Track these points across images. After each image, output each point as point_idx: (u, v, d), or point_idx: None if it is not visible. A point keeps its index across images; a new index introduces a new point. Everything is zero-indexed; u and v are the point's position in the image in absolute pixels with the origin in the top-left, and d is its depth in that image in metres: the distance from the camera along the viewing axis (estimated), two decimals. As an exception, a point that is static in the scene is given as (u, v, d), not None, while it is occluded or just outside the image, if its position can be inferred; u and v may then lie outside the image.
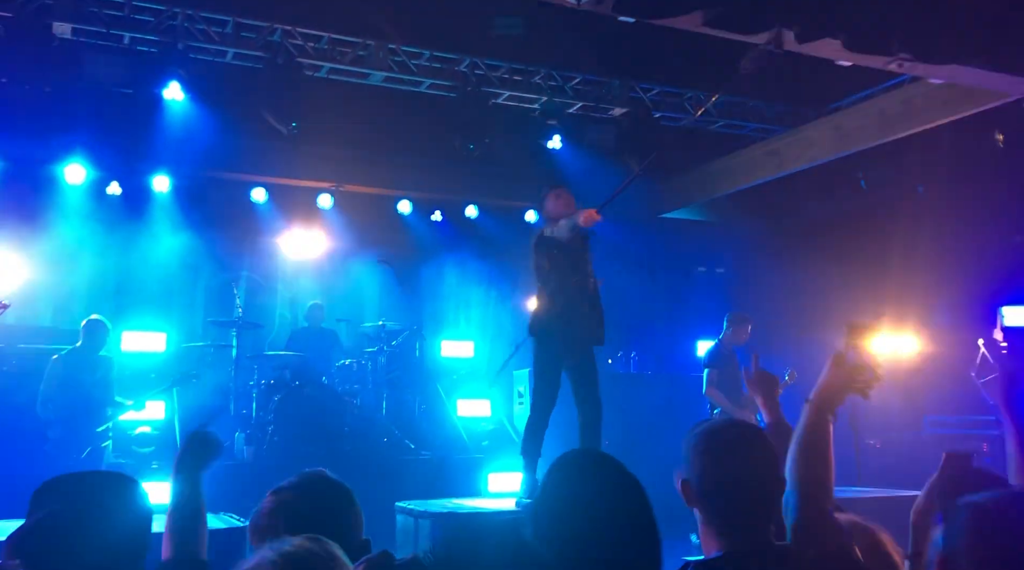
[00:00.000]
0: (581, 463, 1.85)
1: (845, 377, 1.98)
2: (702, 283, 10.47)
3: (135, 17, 7.10)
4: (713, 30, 5.39)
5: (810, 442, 1.94)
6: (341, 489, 2.07)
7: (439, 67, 8.11)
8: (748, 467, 1.91)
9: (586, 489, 1.77)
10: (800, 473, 1.92)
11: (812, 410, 1.97)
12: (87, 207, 8.55)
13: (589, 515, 1.72)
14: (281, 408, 7.57)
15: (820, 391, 1.99)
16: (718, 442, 1.96)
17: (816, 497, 1.90)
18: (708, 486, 1.93)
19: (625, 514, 1.75)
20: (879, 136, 7.96)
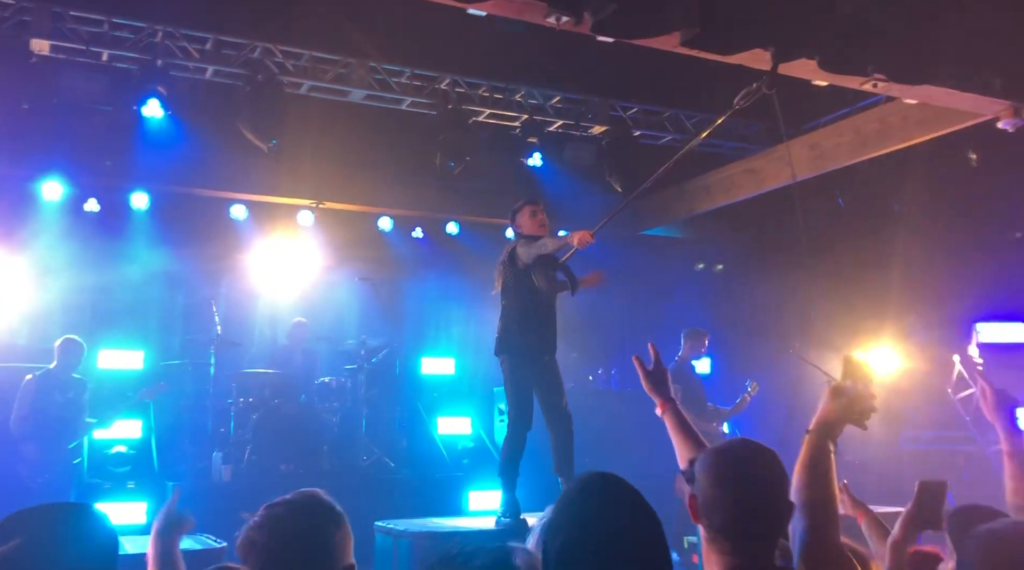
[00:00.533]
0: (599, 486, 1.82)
1: (843, 408, 2.06)
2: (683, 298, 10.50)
3: (114, 34, 7.09)
4: (690, 51, 5.44)
5: (814, 472, 1.98)
6: (334, 511, 2.06)
7: (420, 85, 8.15)
8: (757, 486, 1.92)
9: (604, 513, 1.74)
10: (807, 501, 1.94)
11: (813, 440, 2.03)
12: (64, 224, 8.48)
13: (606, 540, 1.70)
14: (260, 426, 7.52)
15: (819, 422, 2.06)
16: (729, 460, 1.98)
17: (823, 525, 1.93)
18: (711, 504, 1.93)
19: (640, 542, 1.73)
20: (855, 155, 8.06)
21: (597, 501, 1.76)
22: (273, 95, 7.37)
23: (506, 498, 5.30)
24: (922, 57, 5.72)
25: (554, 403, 5.37)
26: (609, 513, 1.74)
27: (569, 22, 4.94)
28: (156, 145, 7.69)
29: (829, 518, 1.94)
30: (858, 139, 7.98)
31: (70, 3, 6.92)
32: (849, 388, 2.06)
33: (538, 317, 5.36)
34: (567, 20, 4.91)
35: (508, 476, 5.32)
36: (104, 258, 8.61)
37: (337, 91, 7.96)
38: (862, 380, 2.07)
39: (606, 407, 8.37)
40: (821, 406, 2.07)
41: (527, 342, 5.35)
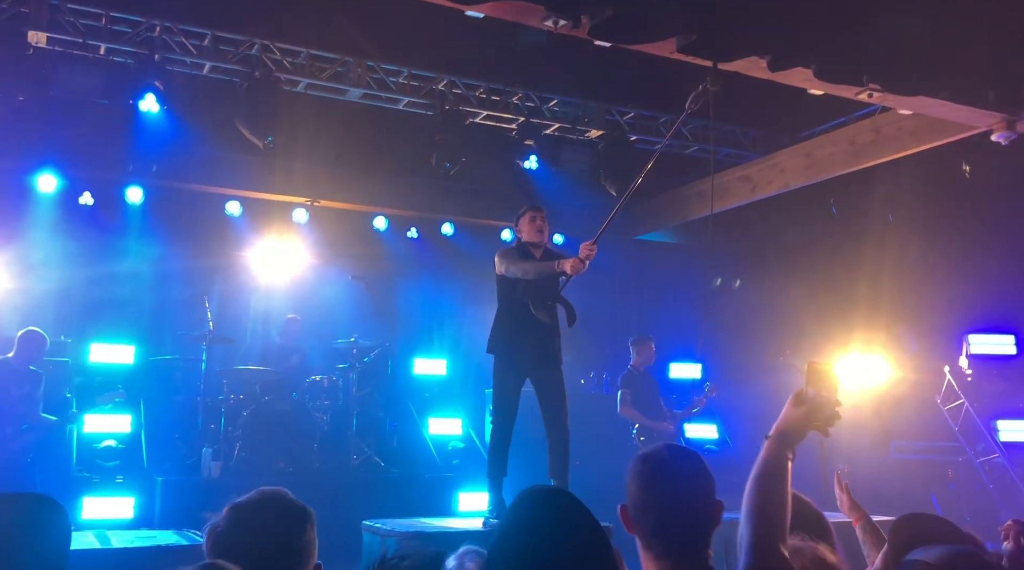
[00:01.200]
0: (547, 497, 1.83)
1: (804, 415, 2.02)
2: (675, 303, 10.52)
3: (112, 28, 7.09)
4: (686, 57, 5.47)
5: (766, 478, 1.95)
6: (299, 510, 2.04)
7: (417, 85, 8.16)
8: (683, 487, 1.93)
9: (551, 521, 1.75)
10: (754, 509, 1.92)
11: (771, 446, 2.00)
12: (59, 217, 8.47)
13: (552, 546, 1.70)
14: (250, 423, 7.51)
15: (779, 428, 2.02)
16: (650, 465, 1.98)
17: (769, 535, 1.90)
18: (641, 509, 1.94)
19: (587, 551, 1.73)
20: (849, 164, 8.10)
21: (544, 510, 1.77)
22: (270, 92, 7.37)
23: (492, 498, 5.32)
24: (917, 69, 5.76)
25: (552, 416, 5.35)
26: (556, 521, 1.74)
27: (566, 26, 4.97)
28: (152, 139, 7.68)
29: (777, 525, 1.91)
30: (852, 149, 8.02)
31: (68, -4, 6.92)
32: (812, 395, 2.02)
33: (523, 326, 5.31)
34: (564, 24, 4.94)
35: (494, 476, 5.33)
36: (97, 251, 8.60)
37: (334, 89, 7.96)
38: (826, 388, 2.03)
39: (597, 411, 8.37)
40: (783, 412, 2.04)
41: (509, 348, 5.35)
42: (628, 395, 7.72)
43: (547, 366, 5.40)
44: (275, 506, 2.01)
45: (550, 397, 5.38)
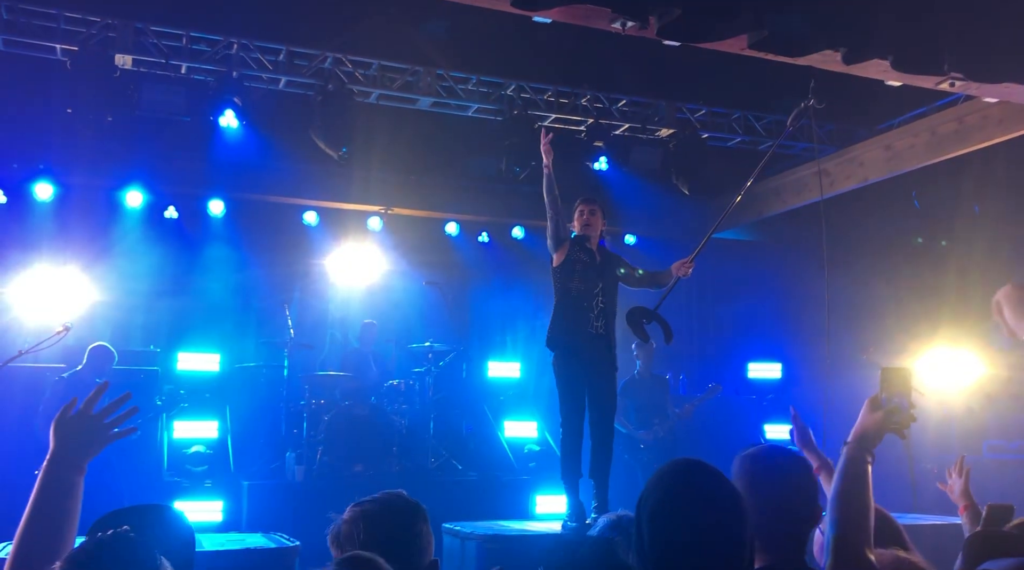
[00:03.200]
0: (689, 464, 1.86)
1: (880, 419, 2.11)
2: (755, 303, 10.34)
3: (192, 47, 7.34)
4: (759, 53, 5.38)
5: (848, 483, 2.03)
6: (418, 508, 2.18)
7: (486, 91, 8.22)
8: (786, 492, 2.03)
9: (690, 483, 1.80)
10: (839, 511, 2.00)
11: (849, 452, 2.09)
12: (145, 231, 8.81)
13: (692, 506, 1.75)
14: (331, 428, 7.67)
15: (857, 433, 2.12)
16: (757, 467, 2.08)
17: (853, 536, 1.97)
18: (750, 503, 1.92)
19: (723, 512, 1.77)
20: (931, 156, 7.83)
21: (686, 474, 1.82)
22: (343, 104, 7.52)
23: (570, 502, 5.30)
24: (1001, 54, 5.53)
25: (598, 418, 5.35)
26: (695, 483, 1.80)
27: (635, 27, 4.94)
28: (232, 154, 7.92)
29: (860, 529, 1.98)
30: (934, 140, 7.76)
31: (151, 19, 7.20)
32: (886, 400, 2.12)
33: (576, 318, 5.34)
34: (632, 25, 4.91)
35: (568, 479, 5.31)
36: (182, 263, 8.92)
37: (405, 99, 8.08)
38: (900, 392, 2.13)
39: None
40: (860, 417, 2.14)
41: (564, 340, 5.36)
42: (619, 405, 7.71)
43: (604, 370, 5.40)
44: (392, 503, 2.15)
45: (601, 400, 5.37)
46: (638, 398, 7.89)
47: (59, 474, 1.98)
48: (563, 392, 5.38)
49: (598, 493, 5.29)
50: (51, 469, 1.99)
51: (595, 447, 5.34)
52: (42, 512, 1.92)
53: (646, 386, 8.00)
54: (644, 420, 7.78)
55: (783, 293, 10.22)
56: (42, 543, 1.87)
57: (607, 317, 5.41)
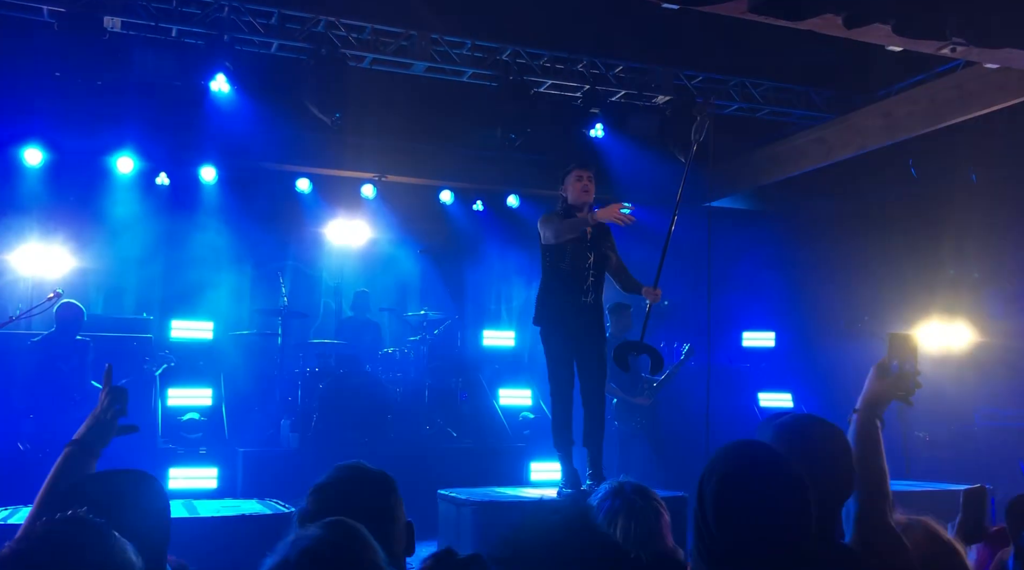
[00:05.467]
0: (752, 444, 1.87)
1: (888, 385, 2.11)
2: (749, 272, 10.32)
3: (182, 10, 7.21)
4: (759, 17, 5.30)
5: (862, 450, 2.04)
6: (380, 476, 2.10)
7: (481, 56, 8.11)
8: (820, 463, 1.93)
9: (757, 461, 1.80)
10: (858, 479, 2.00)
11: (860, 419, 2.09)
12: (137, 197, 8.73)
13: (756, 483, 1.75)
14: (326, 396, 7.67)
15: (865, 400, 2.12)
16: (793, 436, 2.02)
17: (874, 502, 1.98)
18: None
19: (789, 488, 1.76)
20: (930, 123, 7.76)
21: (751, 454, 1.83)
22: (336, 69, 7.41)
23: (564, 469, 5.34)
24: (1002, 19, 5.46)
25: (591, 388, 5.35)
26: (762, 462, 1.79)
27: (633, -11, 4.85)
28: (223, 119, 7.82)
29: (879, 495, 2.00)
30: (933, 107, 7.69)
31: (140, -20, 7.06)
32: (895, 366, 2.11)
33: (566, 293, 5.30)
34: (632, -13, 4.82)
35: (562, 447, 5.35)
36: (174, 231, 8.85)
37: (399, 64, 7.97)
38: (908, 357, 2.12)
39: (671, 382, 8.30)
40: (867, 384, 2.13)
41: (555, 319, 5.33)
42: None
43: (592, 341, 5.36)
44: (353, 478, 2.08)
45: (592, 369, 5.36)
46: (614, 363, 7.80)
47: (80, 458, 2.23)
48: (552, 362, 5.39)
49: (593, 461, 5.31)
50: (72, 452, 2.24)
51: (588, 415, 5.33)
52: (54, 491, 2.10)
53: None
54: (628, 386, 7.68)
55: (779, 262, 10.21)
56: None
57: (596, 288, 5.39)
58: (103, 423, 2.32)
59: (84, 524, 1.47)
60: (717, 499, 1.74)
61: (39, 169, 8.25)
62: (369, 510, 1.92)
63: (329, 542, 1.45)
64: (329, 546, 1.44)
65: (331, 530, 1.49)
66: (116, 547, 1.46)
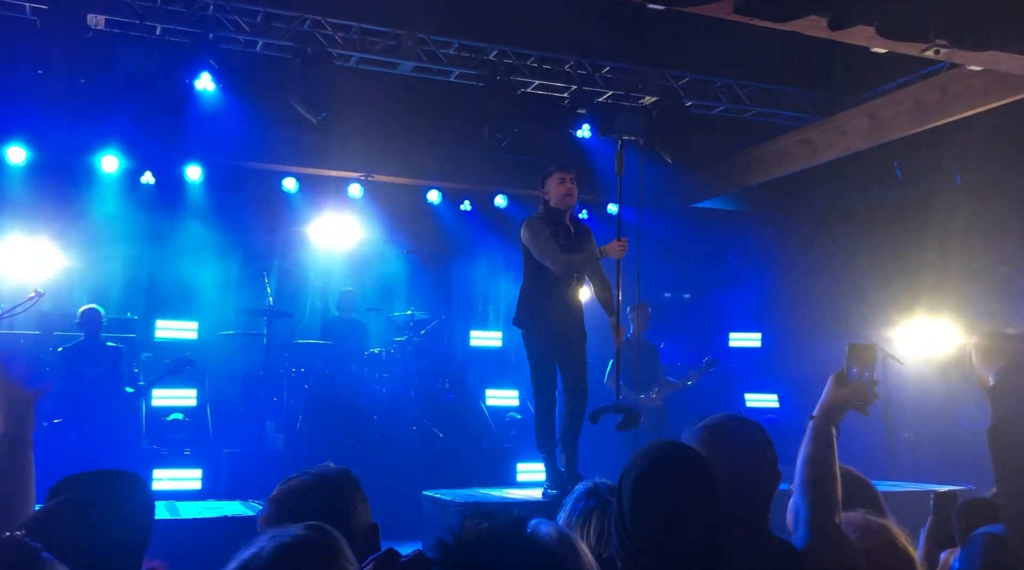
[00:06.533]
0: (671, 444, 1.95)
1: (845, 394, 2.16)
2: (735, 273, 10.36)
3: (167, 8, 7.17)
4: (744, 18, 5.31)
5: (815, 456, 2.09)
6: (343, 474, 2.11)
7: (468, 56, 8.10)
8: (743, 460, 2.04)
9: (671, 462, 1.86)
10: (808, 482, 2.06)
11: (816, 425, 2.14)
12: (121, 196, 8.67)
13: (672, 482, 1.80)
14: (311, 396, 7.64)
15: (822, 407, 2.16)
16: (715, 436, 2.09)
17: (825, 509, 2.03)
18: None
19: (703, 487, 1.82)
20: (915, 125, 7.82)
21: (667, 452, 1.90)
22: (323, 68, 7.38)
23: (549, 470, 5.34)
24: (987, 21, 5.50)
25: (573, 386, 5.36)
26: (675, 460, 1.87)
27: (620, -10, 4.86)
28: (209, 118, 7.78)
29: (831, 500, 2.05)
30: (918, 108, 7.74)
31: (124, -23, 7.01)
32: (853, 374, 2.16)
33: (551, 295, 5.31)
34: (618, -12, 4.82)
35: (546, 448, 5.36)
36: (159, 230, 8.79)
37: (386, 63, 7.95)
38: (867, 367, 2.17)
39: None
40: (825, 392, 2.18)
41: (536, 317, 5.34)
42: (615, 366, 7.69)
43: (574, 339, 5.38)
44: (313, 474, 2.09)
45: (575, 368, 5.37)
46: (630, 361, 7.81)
47: (11, 452, 2.06)
48: (535, 363, 5.39)
49: (569, 460, 5.31)
50: (2, 450, 2.06)
51: (568, 415, 5.35)
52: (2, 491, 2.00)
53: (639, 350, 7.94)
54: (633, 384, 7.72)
55: (764, 263, 10.26)
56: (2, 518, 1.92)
57: (579, 289, 5.42)
58: (15, 406, 2.13)
59: (18, 548, 1.44)
60: (632, 497, 1.80)
61: (22, 167, 8.18)
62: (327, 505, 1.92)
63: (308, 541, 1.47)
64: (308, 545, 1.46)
65: (313, 530, 1.51)
66: None
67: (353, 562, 1.52)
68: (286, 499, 2.03)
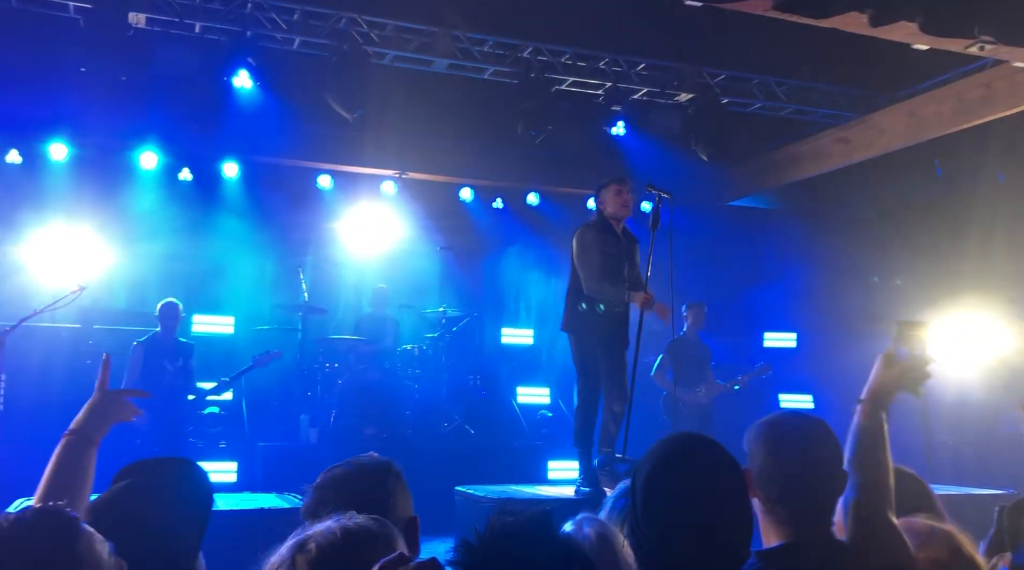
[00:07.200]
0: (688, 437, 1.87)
1: (896, 375, 2.00)
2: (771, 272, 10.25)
3: (207, 6, 7.25)
4: (783, 14, 5.25)
5: (864, 442, 1.95)
6: (387, 466, 2.12)
7: (502, 54, 8.09)
8: (809, 455, 1.91)
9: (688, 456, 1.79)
10: (857, 473, 1.93)
11: (864, 410, 1.99)
12: (160, 192, 8.79)
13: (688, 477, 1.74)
14: (344, 391, 7.70)
15: (871, 390, 2.01)
16: (779, 432, 1.97)
17: (872, 498, 1.90)
18: (766, 474, 1.93)
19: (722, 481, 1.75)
20: (957, 123, 7.66)
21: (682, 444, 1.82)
22: (358, 65, 7.42)
23: (583, 467, 5.40)
24: (1034, 17, 5.38)
25: (614, 387, 5.42)
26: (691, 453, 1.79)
27: (657, -14, 4.83)
28: (246, 115, 7.86)
29: (880, 491, 1.92)
30: (960, 106, 7.59)
31: (165, -24, 7.11)
32: (903, 354, 2.00)
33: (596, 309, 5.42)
34: (654, -16, 4.79)
35: (583, 445, 5.42)
36: (197, 226, 8.88)
37: (421, 61, 7.98)
38: (917, 346, 2.01)
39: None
40: (873, 373, 2.02)
41: (585, 324, 5.43)
42: (664, 361, 7.75)
43: (617, 345, 5.49)
44: (357, 464, 2.11)
45: (617, 375, 5.44)
46: (681, 358, 7.77)
47: (78, 446, 2.14)
48: (582, 367, 5.49)
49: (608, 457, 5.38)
50: (71, 441, 2.15)
51: (607, 419, 5.45)
52: (59, 481, 2.06)
53: (690, 348, 7.96)
54: (683, 380, 7.70)
55: (800, 261, 10.14)
56: None
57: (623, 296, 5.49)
58: (100, 412, 2.25)
59: (55, 516, 1.46)
60: (644, 492, 1.72)
61: (64, 164, 8.33)
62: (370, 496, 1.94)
63: (371, 531, 1.51)
64: (370, 534, 1.51)
65: (375, 522, 1.55)
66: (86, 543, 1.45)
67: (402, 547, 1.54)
68: (329, 487, 2.04)
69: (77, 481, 2.08)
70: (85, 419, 2.20)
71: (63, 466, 2.10)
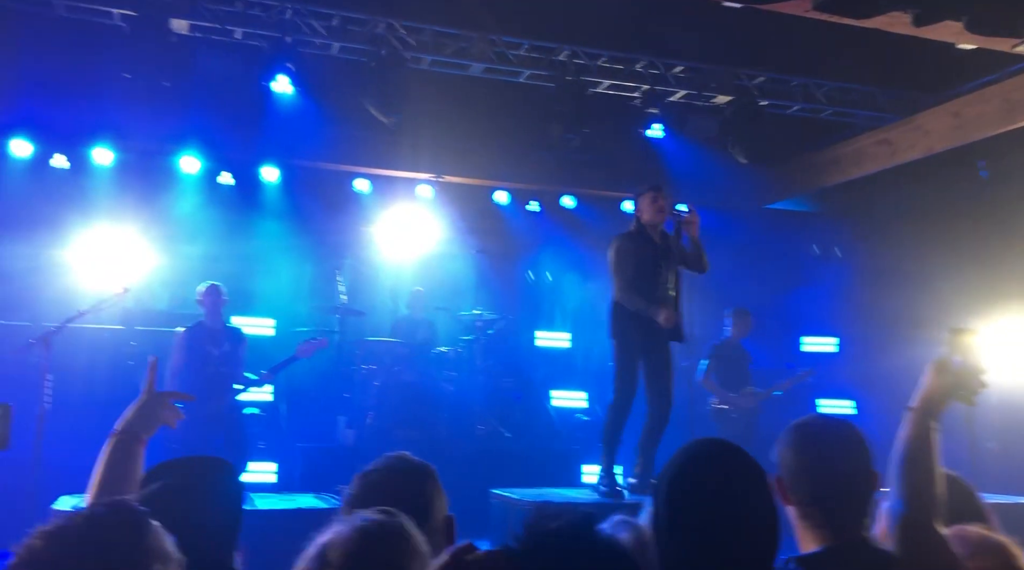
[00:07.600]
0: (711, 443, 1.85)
1: (949, 384, 1.95)
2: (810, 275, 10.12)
3: (247, 13, 7.36)
4: (824, 15, 5.19)
5: (913, 452, 1.90)
6: (423, 467, 2.14)
7: (538, 57, 8.10)
8: (837, 456, 1.91)
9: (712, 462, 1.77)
10: (905, 482, 1.88)
11: (915, 419, 1.93)
12: (201, 196, 8.92)
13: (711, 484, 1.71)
14: (381, 394, 7.74)
15: (923, 398, 1.95)
16: (806, 434, 1.97)
17: (919, 508, 1.86)
18: (797, 478, 1.92)
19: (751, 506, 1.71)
20: (1002, 124, 7.51)
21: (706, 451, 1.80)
22: (396, 70, 7.47)
23: (605, 469, 5.46)
24: (1084, 15, 5.26)
25: (659, 386, 5.46)
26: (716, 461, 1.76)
27: (695, -13, 4.80)
28: (285, 120, 7.95)
29: (927, 500, 1.86)
30: (1007, 107, 7.44)
31: (206, -16, 7.22)
32: (956, 363, 1.94)
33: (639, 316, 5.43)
34: (692, -15, 4.77)
35: (611, 448, 5.48)
36: (237, 229, 9.01)
37: (457, 65, 8.01)
38: (971, 354, 1.94)
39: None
40: (925, 382, 1.96)
41: (629, 332, 5.45)
42: (711, 367, 7.74)
43: (664, 352, 5.53)
44: (394, 466, 2.13)
45: (660, 384, 5.48)
46: (726, 363, 7.83)
47: (128, 445, 2.19)
48: (621, 373, 5.50)
49: (644, 468, 5.37)
50: (121, 439, 2.20)
51: (648, 426, 5.47)
52: (111, 478, 2.11)
53: (735, 353, 7.95)
54: (729, 386, 7.76)
55: (840, 265, 9.99)
56: None
57: (674, 302, 5.54)
58: (148, 412, 2.29)
59: (127, 511, 1.50)
60: (667, 498, 1.70)
61: (109, 168, 8.50)
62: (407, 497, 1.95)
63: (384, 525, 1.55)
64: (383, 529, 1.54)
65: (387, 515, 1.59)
66: (154, 536, 1.48)
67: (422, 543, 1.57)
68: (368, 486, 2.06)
69: (127, 478, 2.13)
70: (133, 419, 2.25)
71: (114, 464, 2.15)
